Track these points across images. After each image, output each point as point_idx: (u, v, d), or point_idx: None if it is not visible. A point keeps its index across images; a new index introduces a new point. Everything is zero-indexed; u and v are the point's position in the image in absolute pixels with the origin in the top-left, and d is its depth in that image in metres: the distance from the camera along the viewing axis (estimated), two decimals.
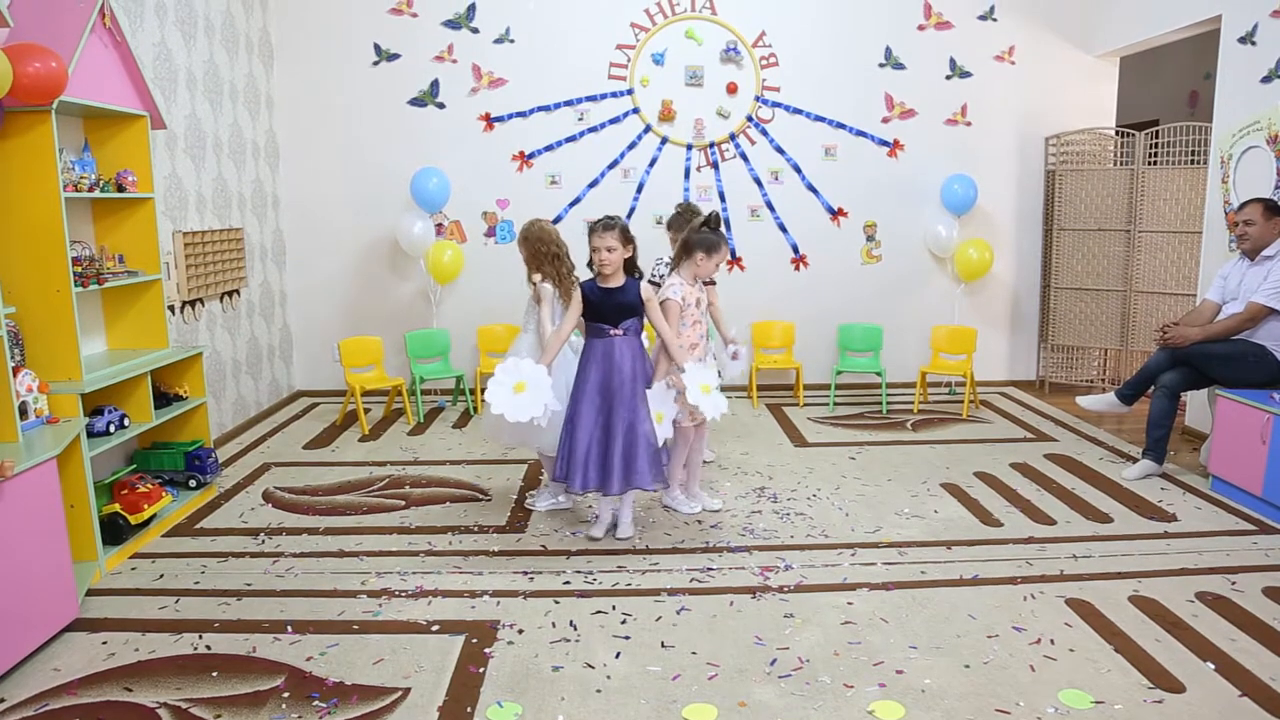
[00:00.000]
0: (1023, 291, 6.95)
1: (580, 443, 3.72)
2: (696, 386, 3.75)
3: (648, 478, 3.73)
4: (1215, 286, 4.76)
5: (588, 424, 3.73)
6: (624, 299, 3.73)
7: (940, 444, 5.36)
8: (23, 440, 3.12)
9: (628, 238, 3.73)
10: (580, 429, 3.72)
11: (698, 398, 3.74)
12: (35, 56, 3.23)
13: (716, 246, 3.91)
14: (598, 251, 3.68)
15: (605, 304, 3.72)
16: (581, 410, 3.73)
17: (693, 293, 3.94)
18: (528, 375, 3.63)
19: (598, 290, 3.73)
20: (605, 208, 6.49)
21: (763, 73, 6.52)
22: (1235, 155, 5.08)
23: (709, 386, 3.79)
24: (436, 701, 2.65)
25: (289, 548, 3.84)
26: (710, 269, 3.95)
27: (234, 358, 5.72)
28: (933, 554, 3.73)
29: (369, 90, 6.39)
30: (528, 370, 3.64)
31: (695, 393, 3.74)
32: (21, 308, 3.51)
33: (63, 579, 3.08)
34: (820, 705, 2.62)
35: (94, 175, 3.96)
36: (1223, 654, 2.89)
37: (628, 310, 3.74)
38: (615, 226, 3.70)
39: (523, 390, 3.60)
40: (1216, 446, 4.44)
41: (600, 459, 3.72)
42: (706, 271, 3.95)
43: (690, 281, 3.94)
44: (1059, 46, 6.63)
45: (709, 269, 3.94)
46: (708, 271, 3.96)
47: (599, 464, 3.72)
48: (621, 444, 3.70)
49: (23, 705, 2.65)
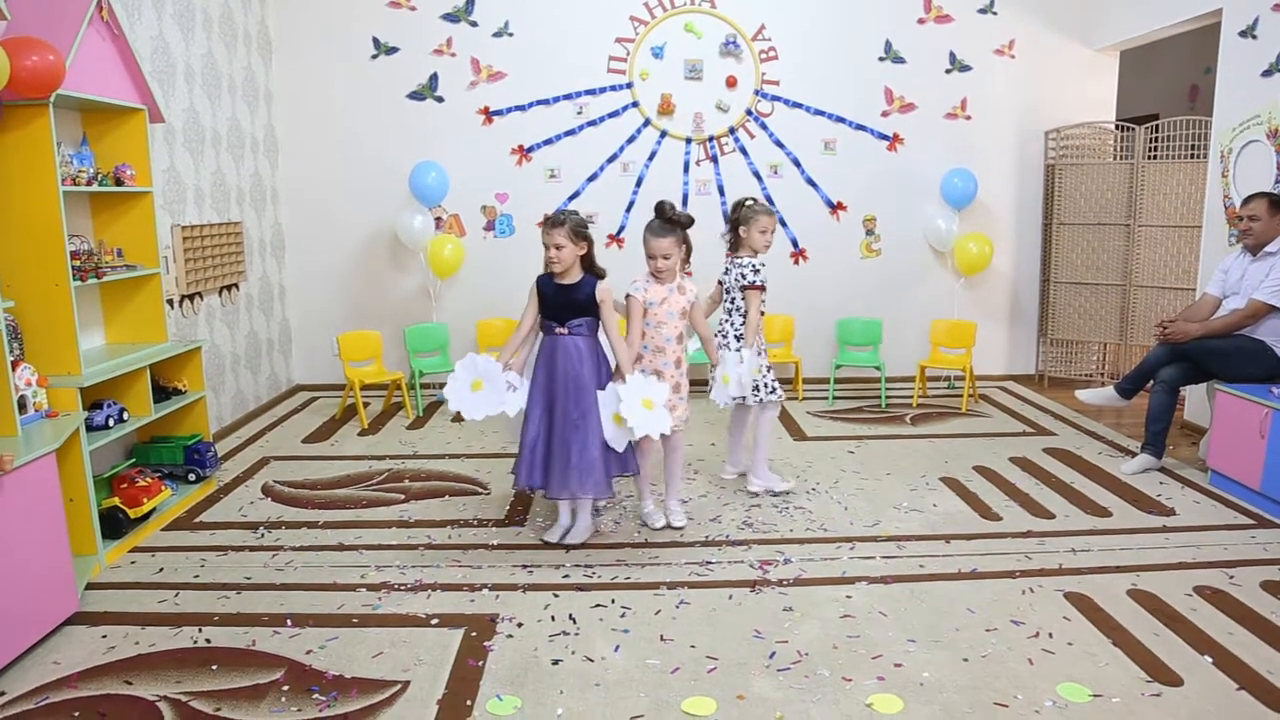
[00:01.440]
0: (1022, 286, 6.95)
1: (527, 441, 3.64)
2: (636, 399, 3.52)
3: (586, 486, 3.57)
4: (1215, 280, 4.76)
5: (534, 422, 3.62)
6: (575, 297, 3.57)
7: (939, 438, 5.36)
8: (22, 434, 3.12)
9: (579, 234, 3.55)
10: (529, 426, 3.63)
11: (631, 411, 3.49)
12: (33, 49, 3.22)
13: (653, 232, 3.74)
14: (548, 249, 3.53)
15: (555, 301, 3.59)
16: (530, 408, 3.65)
17: (659, 292, 3.77)
18: (484, 373, 3.61)
19: (551, 286, 3.61)
20: (605, 202, 6.53)
21: (762, 66, 6.51)
22: (1235, 150, 5.08)
23: (651, 402, 3.54)
24: (436, 695, 2.66)
25: (288, 541, 3.84)
26: (665, 263, 3.72)
27: (233, 352, 5.72)
28: (931, 548, 3.73)
29: (368, 84, 6.37)
30: (483, 367, 3.61)
31: (630, 405, 3.50)
32: (20, 302, 3.50)
33: (62, 573, 3.08)
34: (819, 698, 2.62)
35: (92, 169, 3.95)
36: (1220, 647, 2.89)
37: (577, 309, 3.58)
38: (564, 223, 3.52)
39: (479, 388, 3.60)
40: (1215, 441, 4.45)
41: (544, 460, 3.62)
42: (663, 267, 3.73)
43: (655, 280, 3.78)
44: (1059, 40, 6.62)
45: (661, 262, 3.73)
46: (664, 266, 3.73)
47: (543, 464, 3.62)
48: (559, 447, 3.57)
49: (23, 698, 2.66)
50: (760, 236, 4.24)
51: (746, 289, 4.19)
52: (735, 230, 4.32)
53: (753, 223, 4.24)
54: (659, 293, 3.78)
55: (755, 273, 4.18)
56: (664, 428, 3.59)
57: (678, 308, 3.82)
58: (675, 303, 3.81)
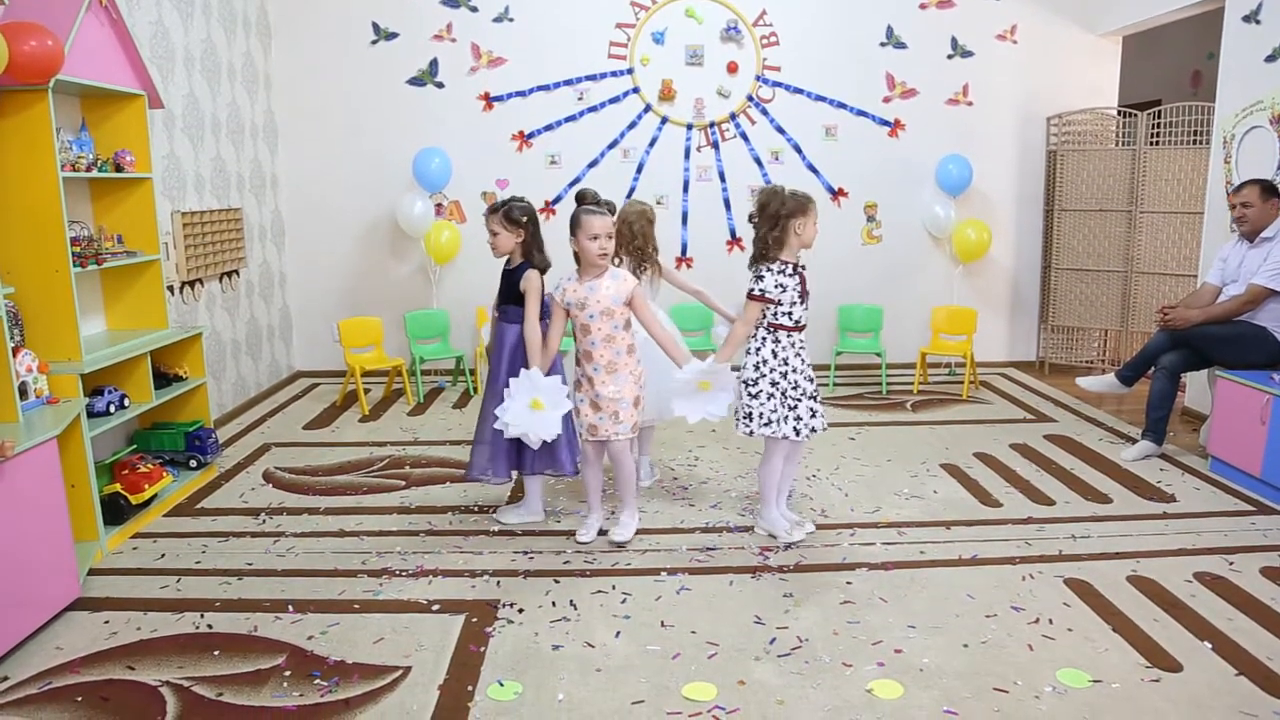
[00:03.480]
0: (1023, 272, 6.94)
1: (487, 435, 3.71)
2: (524, 398, 3.36)
3: (474, 469, 3.74)
4: (1215, 269, 4.75)
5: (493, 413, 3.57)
6: (512, 283, 3.61)
7: (940, 425, 5.36)
8: (23, 420, 3.12)
9: (512, 220, 3.56)
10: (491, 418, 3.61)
11: (509, 408, 3.35)
12: (31, 35, 3.20)
13: (575, 222, 3.45)
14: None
15: (500, 286, 3.72)
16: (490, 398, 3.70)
17: (575, 290, 3.47)
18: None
19: (503, 271, 3.72)
20: (605, 188, 6.39)
21: (763, 52, 6.48)
22: (1238, 136, 5.06)
23: (541, 403, 3.36)
24: (437, 680, 2.67)
25: (290, 528, 3.85)
26: (592, 253, 3.40)
27: (233, 338, 5.71)
28: (932, 534, 3.74)
29: (367, 70, 6.35)
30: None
31: (515, 408, 3.35)
32: (20, 288, 3.50)
33: (64, 558, 3.09)
34: (819, 684, 2.63)
35: (92, 155, 3.94)
36: (1220, 633, 2.90)
37: (508, 295, 3.64)
38: (497, 210, 3.59)
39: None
40: (1216, 427, 4.45)
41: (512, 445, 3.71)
42: (607, 248, 3.44)
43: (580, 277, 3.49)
44: (1061, 26, 6.59)
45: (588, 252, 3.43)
46: (588, 258, 3.44)
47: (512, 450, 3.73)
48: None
49: (26, 683, 2.67)
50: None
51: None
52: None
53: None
54: (573, 291, 3.47)
55: (759, 279, 3.45)
56: (546, 434, 3.37)
57: (599, 309, 3.44)
58: (600, 303, 3.44)
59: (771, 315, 3.47)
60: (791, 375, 3.50)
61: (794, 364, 3.51)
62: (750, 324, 3.50)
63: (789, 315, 3.47)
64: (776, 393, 3.49)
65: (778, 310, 3.46)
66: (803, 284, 3.51)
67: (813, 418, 3.56)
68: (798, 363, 3.52)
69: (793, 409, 3.50)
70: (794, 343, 3.52)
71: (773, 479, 3.66)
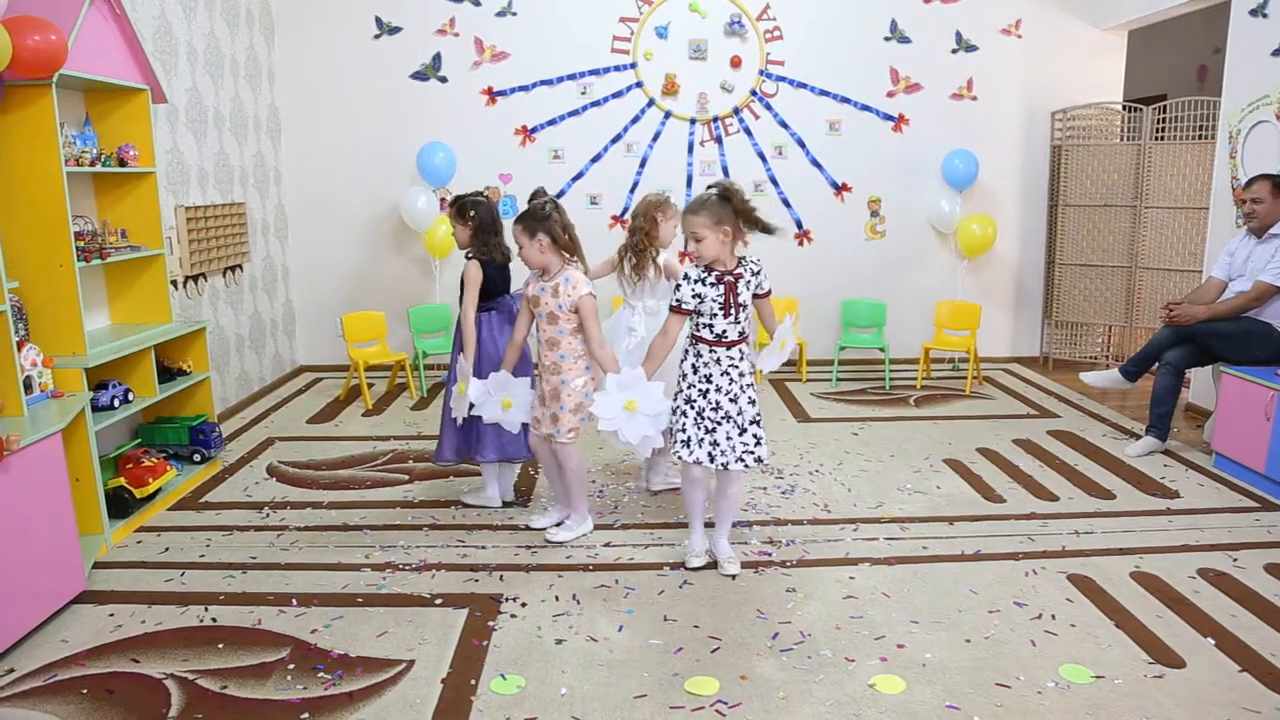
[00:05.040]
0: (1027, 267, 6.92)
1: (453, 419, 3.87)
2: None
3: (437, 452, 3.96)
4: (1221, 264, 4.74)
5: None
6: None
7: (943, 420, 5.36)
8: (28, 414, 3.13)
9: (459, 214, 3.77)
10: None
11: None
12: (35, 29, 3.20)
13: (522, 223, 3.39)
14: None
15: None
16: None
17: (533, 286, 3.44)
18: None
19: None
20: (608, 183, 6.52)
21: (767, 46, 6.47)
22: (1244, 130, 5.04)
23: (510, 402, 3.46)
24: (440, 674, 2.67)
25: (293, 521, 3.86)
26: (528, 253, 3.37)
27: (237, 333, 5.72)
28: (935, 529, 3.74)
29: (370, 64, 6.34)
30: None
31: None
32: (25, 282, 3.50)
33: (69, 552, 3.09)
34: (822, 679, 2.63)
35: (95, 149, 3.94)
36: (1223, 630, 2.90)
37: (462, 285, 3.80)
38: (452, 205, 3.83)
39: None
40: (1220, 423, 4.44)
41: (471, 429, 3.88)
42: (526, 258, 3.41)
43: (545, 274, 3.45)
44: (1066, 20, 6.56)
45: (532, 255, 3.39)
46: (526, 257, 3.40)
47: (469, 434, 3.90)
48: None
49: (32, 675, 2.68)
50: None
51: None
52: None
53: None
54: (533, 290, 3.46)
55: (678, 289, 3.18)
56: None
57: (546, 311, 3.42)
58: (547, 305, 3.41)
59: (694, 326, 3.19)
60: (713, 395, 3.15)
61: (719, 382, 3.14)
62: (668, 335, 3.20)
63: (709, 327, 3.14)
64: (691, 411, 3.18)
65: (699, 321, 3.16)
66: (729, 293, 3.11)
67: (735, 450, 3.17)
68: (724, 381, 3.15)
69: (710, 432, 3.17)
70: (718, 359, 3.14)
71: (691, 506, 3.38)
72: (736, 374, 3.16)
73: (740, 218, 3.09)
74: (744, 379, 3.18)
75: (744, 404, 3.18)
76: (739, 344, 3.16)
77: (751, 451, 3.19)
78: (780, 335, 3.31)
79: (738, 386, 3.16)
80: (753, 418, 3.20)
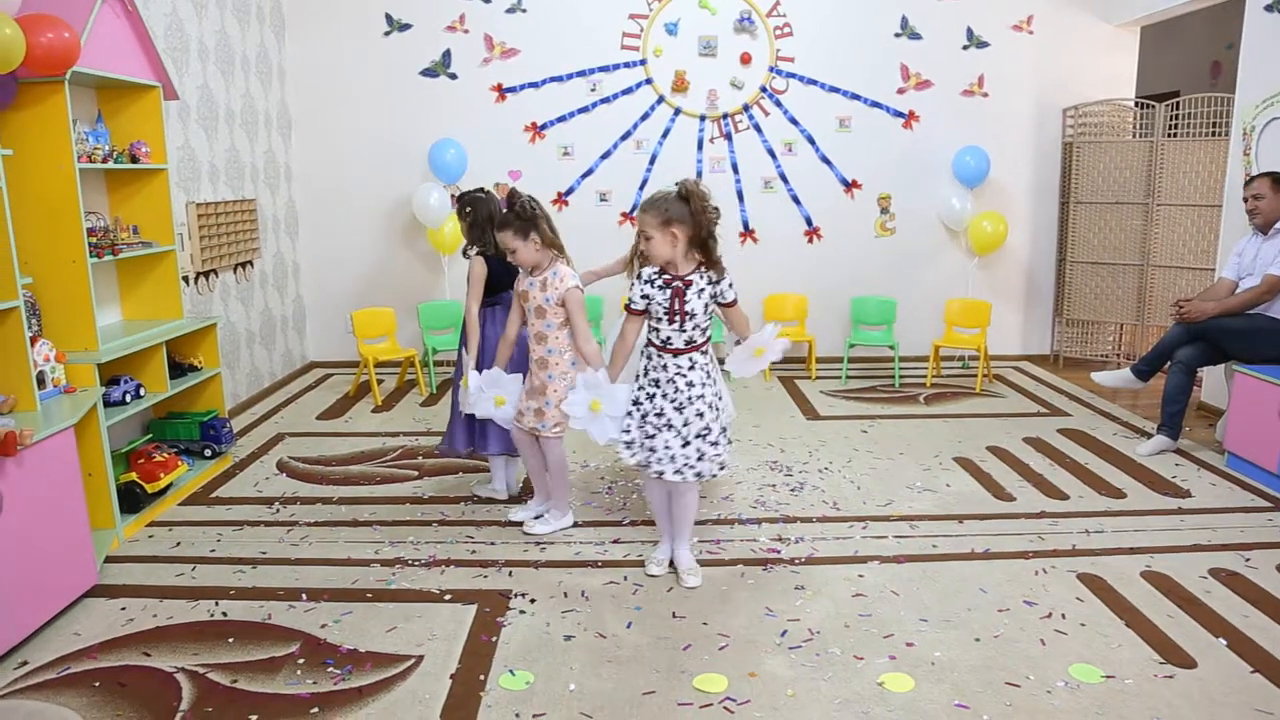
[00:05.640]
0: (1038, 265, 6.89)
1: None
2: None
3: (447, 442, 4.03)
4: (1230, 264, 4.72)
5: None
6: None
7: (953, 418, 5.35)
8: (41, 409, 3.15)
9: (460, 212, 3.90)
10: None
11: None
12: (48, 27, 3.22)
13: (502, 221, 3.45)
14: None
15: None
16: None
17: (522, 281, 3.49)
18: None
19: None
20: (617, 179, 6.51)
21: (777, 43, 6.45)
22: (1258, 127, 5.01)
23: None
24: (449, 669, 2.68)
25: (303, 517, 3.87)
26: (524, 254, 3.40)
27: (248, 328, 5.74)
28: (944, 528, 3.73)
29: (380, 61, 6.35)
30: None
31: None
32: (38, 278, 3.53)
33: (82, 546, 3.11)
34: (830, 677, 2.63)
35: (108, 146, 3.96)
36: (1235, 630, 2.88)
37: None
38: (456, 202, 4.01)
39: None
40: (1233, 422, 4.41)
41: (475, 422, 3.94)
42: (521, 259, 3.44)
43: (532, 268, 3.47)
44: (1078, 16, 6.53)
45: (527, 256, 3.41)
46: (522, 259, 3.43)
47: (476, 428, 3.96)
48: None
49: (45, 668, 2.70)
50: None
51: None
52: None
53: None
54: (523, 285, 3.51)
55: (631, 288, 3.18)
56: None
57: (533, 305, 3.46)
58: (535, 299, 3.45)
59: (649, 329, 3.12)
60: (658, 400, 3.06)
61: (665, 389, 3.05)
62: (626, 337, 3.17)
63: (657, 331, 3.07)
64: (636, 413, 3.12)
65: (650, 324, 3.09)
66: (676, 299, 3.01)
67: (675, 461, 3.04)
68: (670, 389, 3.04)
69: (650, 438, 3.08)
70: (665, 365, 3.05)
71: (653, 506, 3.35)
72: (684, 383, 3.04)
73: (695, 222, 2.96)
74: (695, 389, 3.04)
75: (691, 415, 3.04)
76: (689, 353, 3.05)
77: (693, 466, 3.05)
78: (755, 343, 3.22)
79: (685, 396, 3.04)
80: (700, 430, 3.05)
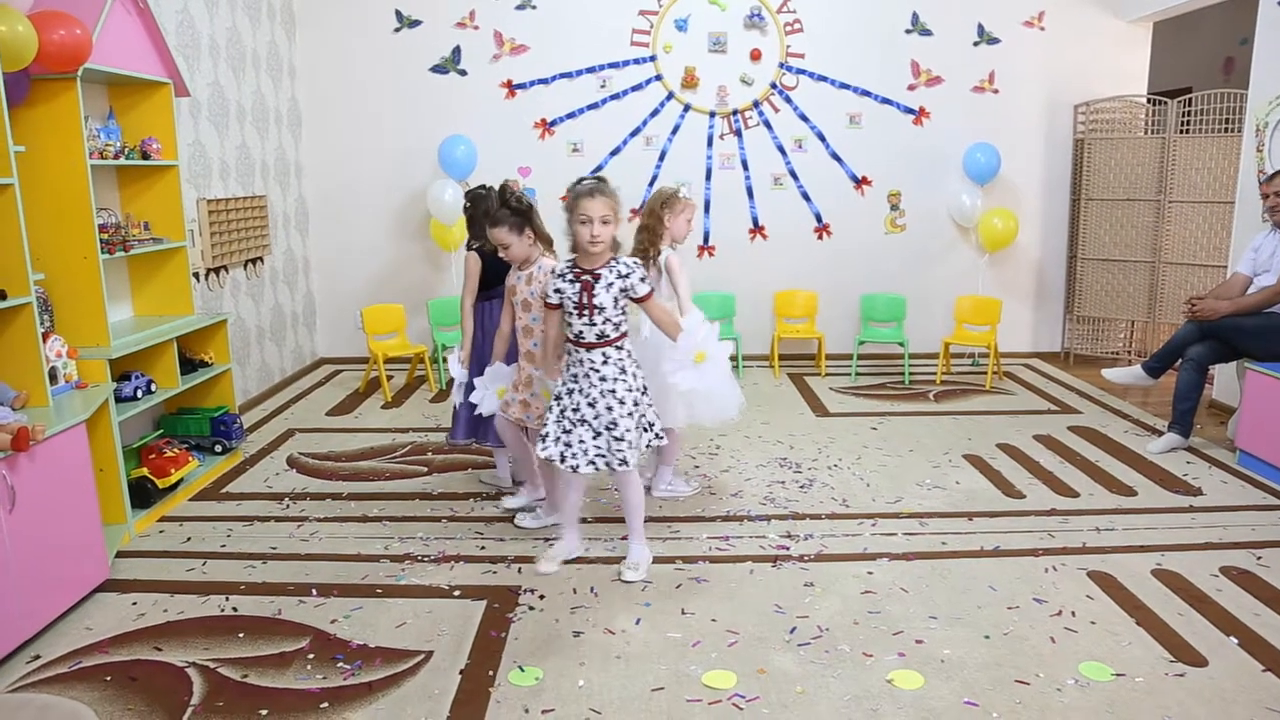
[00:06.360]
0: (1049, 262, 6.86)
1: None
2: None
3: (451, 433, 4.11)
4: (1246, 259, 4.69)
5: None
6: None
7: (963, 415, 5.33)
8: (53, 405, 3.17)
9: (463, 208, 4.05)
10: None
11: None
12: (60, 24, 3.24)
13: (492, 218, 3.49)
14: None
15: None
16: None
17: (513, 275, 3.55)
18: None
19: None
20: (627, 176, 6.49)
21: (787, 39, 6.43)
22: (1271, 123, 4.97)
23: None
24: (458, 665, 2.69)
25: (313, 512, 3.89)
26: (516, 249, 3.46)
27: (258, 325, 5.76)
28: (954, 525, 3.72)
29: (390, 57, 6.36)
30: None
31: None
32: (50, 274, 3.55)
33: (93, 541, 3.13)
34: (839, 674, 2.63)
35: (119, 143, 3.98)
36: (1246, 628, 2.87)
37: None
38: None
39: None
40: (1245, 420, 4.39)
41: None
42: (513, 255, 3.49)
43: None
44: (1090, 12, 6.49)
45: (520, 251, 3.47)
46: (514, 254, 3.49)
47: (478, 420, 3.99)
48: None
49: (56, 662, 2.72)
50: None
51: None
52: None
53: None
54: (513, 280, 3.56)
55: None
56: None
57: (520, 299, 3.52)
58: (521, 293, 3.52)
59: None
60: (575, 395, 3.09)
61: (582, 384, 3.08)
62: (549, 330, 3.22)
63: (569, 326, 3.08)
64: (556, 407, 3.14)
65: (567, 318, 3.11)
66: (584, 292, 3.02)
67: (588, 453, 3.06)
68: (586, 384, 3.07)
69: (566, 432, 3.09)
70: (580, 359, 3.08)
71: (563, 504, 3.32)
72: (598, 378, 3.05)
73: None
74: (607, 383, 3.05)
75: (601, 409, 3.05)
76: (602, 347, 3.05)
77: (604, 455, 3.06)
78: (690, 347, 3.35)
79: (597, 391, 3.05)
80: (609, 422, 3.05)
